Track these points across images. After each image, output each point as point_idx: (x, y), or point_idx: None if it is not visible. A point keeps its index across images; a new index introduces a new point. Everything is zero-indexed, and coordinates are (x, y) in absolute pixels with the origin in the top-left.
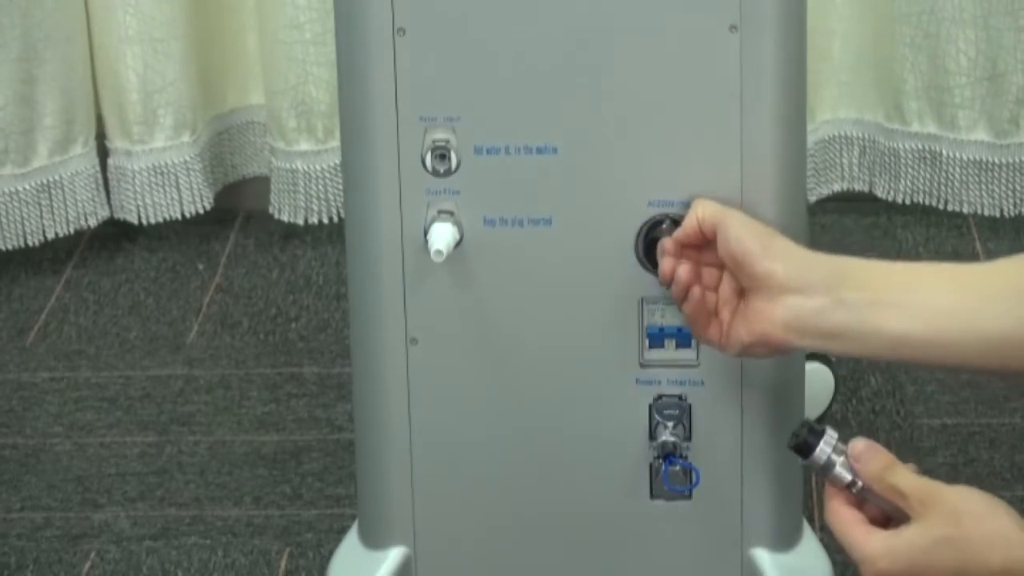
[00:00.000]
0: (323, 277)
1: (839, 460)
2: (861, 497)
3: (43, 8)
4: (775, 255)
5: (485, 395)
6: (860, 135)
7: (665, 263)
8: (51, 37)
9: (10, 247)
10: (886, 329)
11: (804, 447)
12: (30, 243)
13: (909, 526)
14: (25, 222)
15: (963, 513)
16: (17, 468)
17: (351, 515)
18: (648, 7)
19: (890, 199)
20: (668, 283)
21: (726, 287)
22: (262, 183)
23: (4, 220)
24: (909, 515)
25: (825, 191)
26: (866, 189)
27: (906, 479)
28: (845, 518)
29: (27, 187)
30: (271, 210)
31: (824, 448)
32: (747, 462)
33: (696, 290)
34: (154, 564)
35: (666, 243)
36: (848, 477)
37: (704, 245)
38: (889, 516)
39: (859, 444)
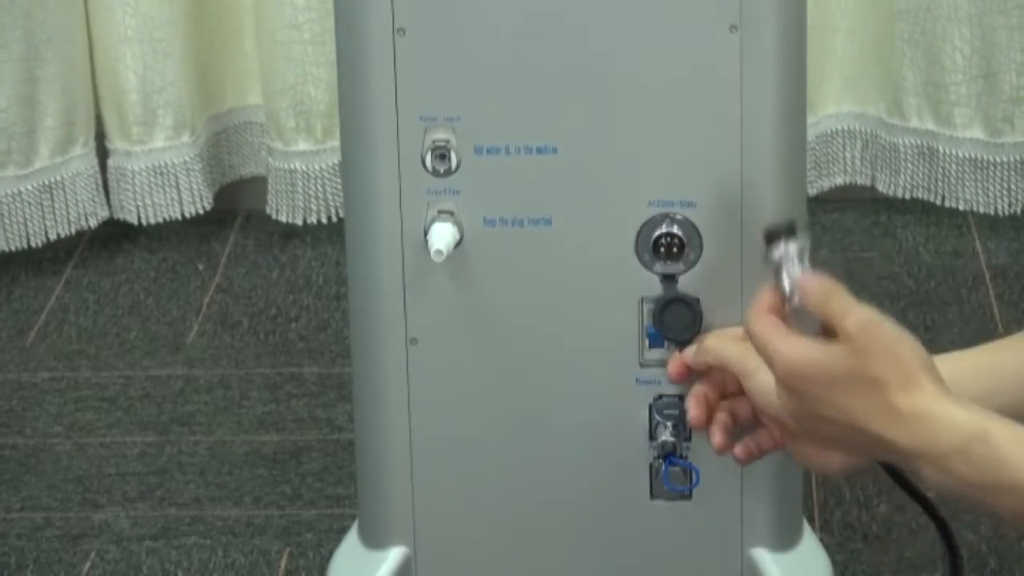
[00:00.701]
0: (323, 277)
1: (791, 270)
2: (794, 314)
3: (45, 8)
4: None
5: (485, 395)
6: (862, 129)
7: (695, 413)
8: (53, 38)
9: (13, 248)
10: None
11: (770, 235)
12: (32, 244)
13: (840, 345)
14: (28, 223)
15: (895, 355)
16: (17, 468)
17: (351, 515)
18: (648, 7)
19: (890, 194)
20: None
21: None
22: (261, 183)
23: (7, 221)
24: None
25: (827, 184)
26: (868, 183)
27: (849, 307)
28: (766, 319)
29: (29, 188)
30: (269, 210)
31: (786, 247)
32: None
33: (739, 450)
34: (154, 564)
35: (672, 370)
36: (788, 289)
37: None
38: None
39: (807, 275)
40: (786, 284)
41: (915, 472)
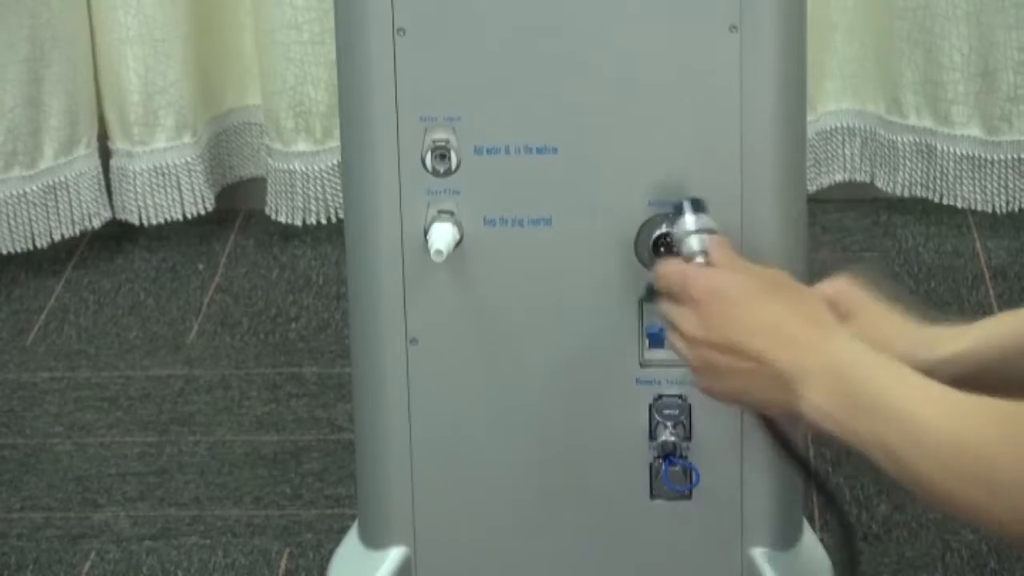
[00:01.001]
0: (323, 277)
1: (698, 237)
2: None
3: (50, 9)
4: None
5: (485, 395)
6: (862, 127)
7: None
8: (57, 38)
9: (19, 249)
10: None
11: (678, 208)
12: (38, 245)
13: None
14: (33, 224)
15: (803, 292)
16: (17, 468)
17: (351, 515)
18: (648, 7)
19: (889, 191)
20: None
21: None
22: (261, 184)
23: (12, 222)
24: None
25: (827, 181)
26: (868, 180)
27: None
28: (678, 262)
29: (34, 188)
30: (268, 211)
31: (696, 218)
32: (747, 462)
33: None
34: (154, 564)
35: None
36: (696, 249)
37: None
38: None
39: (716, 238)
40: (695, 246)
41: (796, 397)
